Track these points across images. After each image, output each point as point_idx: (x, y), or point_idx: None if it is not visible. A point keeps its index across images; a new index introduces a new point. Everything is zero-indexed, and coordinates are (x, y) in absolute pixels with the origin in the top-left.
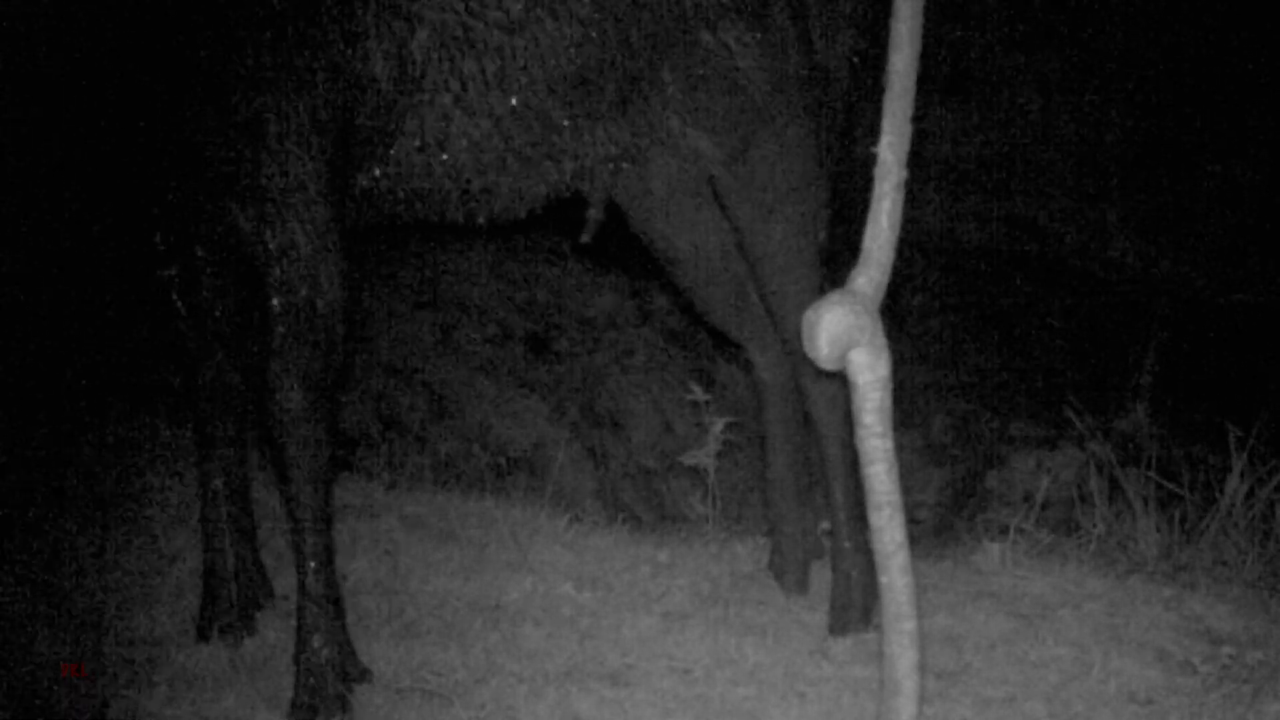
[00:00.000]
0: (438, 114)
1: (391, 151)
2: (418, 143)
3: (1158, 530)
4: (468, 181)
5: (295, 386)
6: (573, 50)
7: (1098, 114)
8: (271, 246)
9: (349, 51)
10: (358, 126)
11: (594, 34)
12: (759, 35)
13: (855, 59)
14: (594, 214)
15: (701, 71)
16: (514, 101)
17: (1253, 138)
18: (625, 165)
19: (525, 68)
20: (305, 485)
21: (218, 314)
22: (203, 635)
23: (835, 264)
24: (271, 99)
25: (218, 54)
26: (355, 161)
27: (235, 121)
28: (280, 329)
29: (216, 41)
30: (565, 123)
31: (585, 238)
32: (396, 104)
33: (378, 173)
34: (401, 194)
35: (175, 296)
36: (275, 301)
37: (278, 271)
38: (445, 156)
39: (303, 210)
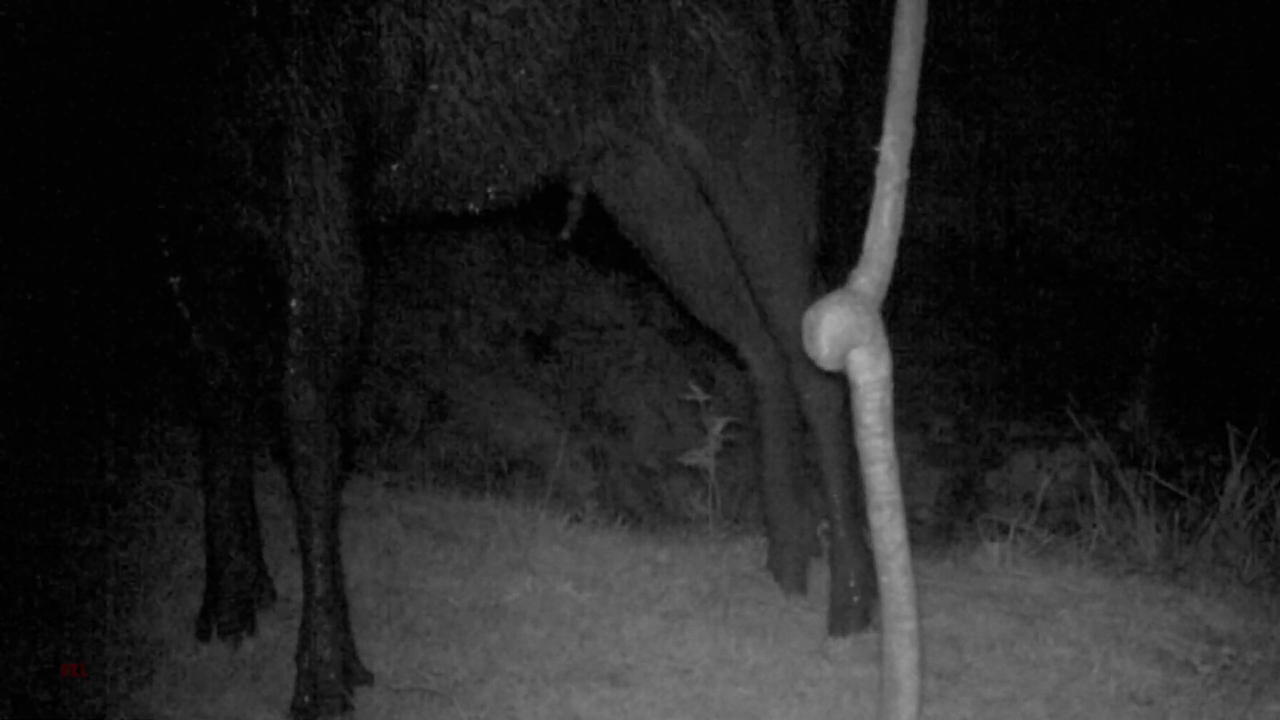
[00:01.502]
0: (446, 106)
1: (406, 146)
2: (429, 135)
3: (1158, 530)
4: (469, 172)
5: (310, 389)
6: (565, 40)
7: (1098, 114)
8: (294, 251)
9: (368, 52)
10: (378, 126)
11: (585, 24)
12: (743, 31)
13: (843, 60)
14: (574, 208)
15: (687, 67)
16: (511, 91)
17: (1253, 138)
18: (608, 157)
19: (523, 57)
20: (314, 486)
21: (223, 315)
22: (203, 635)
23: (836, 264)
24: (296, 105)
25: (240, 60)
26: (376, 160)
27: (259, 128)
28: (299, 332)
29: (238, 48)
30: (557, 112)
31: (566, 233)
32: (412, 99)
33: (395, 168)
34: (414, 188)
35: (181, 298)
36: (295, 305)
37: (299, 276)
38: (452, 148)
39: (326, 215)
